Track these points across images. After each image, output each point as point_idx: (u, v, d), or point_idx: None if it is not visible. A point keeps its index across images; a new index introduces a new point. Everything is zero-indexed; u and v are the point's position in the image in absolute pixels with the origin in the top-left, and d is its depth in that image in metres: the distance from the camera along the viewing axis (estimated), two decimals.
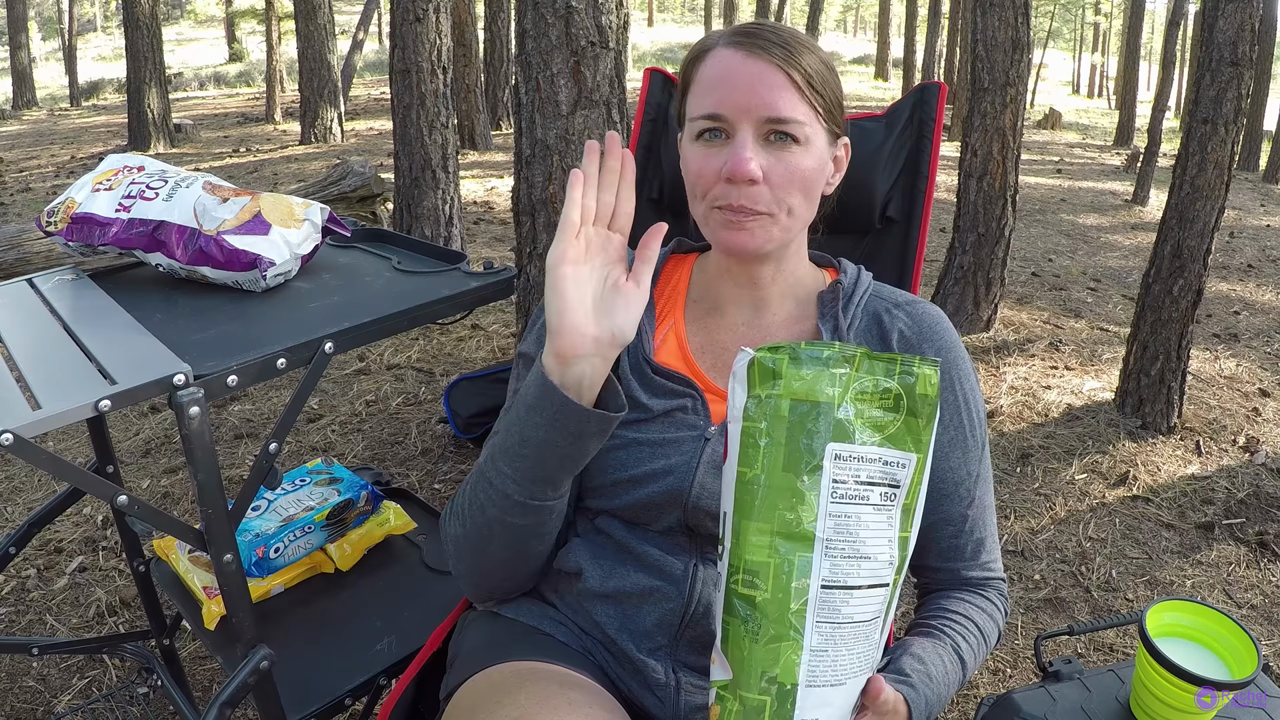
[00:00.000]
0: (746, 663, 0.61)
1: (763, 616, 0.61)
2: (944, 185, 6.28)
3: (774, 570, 0.61)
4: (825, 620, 0.62)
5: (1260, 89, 11.00)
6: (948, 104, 6.46)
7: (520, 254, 2.36)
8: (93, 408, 0.78)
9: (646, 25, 35.92)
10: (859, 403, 0.62)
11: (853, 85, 19.44)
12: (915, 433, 0.64)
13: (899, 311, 0.88)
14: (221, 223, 1.07)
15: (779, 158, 0.79)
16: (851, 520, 0.62)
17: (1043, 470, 2.58)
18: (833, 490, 0.61)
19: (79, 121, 12.63)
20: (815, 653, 0.61)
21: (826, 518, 0.61)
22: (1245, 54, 2.49)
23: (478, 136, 8.51)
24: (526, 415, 0.75)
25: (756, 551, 0.61)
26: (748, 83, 0.78)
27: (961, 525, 0.86)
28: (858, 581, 0.62)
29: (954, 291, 3.68)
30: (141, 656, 1.51)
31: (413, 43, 3.87)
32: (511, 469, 0.78)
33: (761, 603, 0.61)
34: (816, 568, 0.61)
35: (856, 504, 0.62)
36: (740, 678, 0.62)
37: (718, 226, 0.81)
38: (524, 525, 0.81)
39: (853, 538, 0.62)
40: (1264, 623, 1.94)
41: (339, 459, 2.56)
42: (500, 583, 0.90)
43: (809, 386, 0.62)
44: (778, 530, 0.61)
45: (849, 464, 0.62)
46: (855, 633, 0.63)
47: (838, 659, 0.62)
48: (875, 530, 0.63)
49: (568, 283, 0.73)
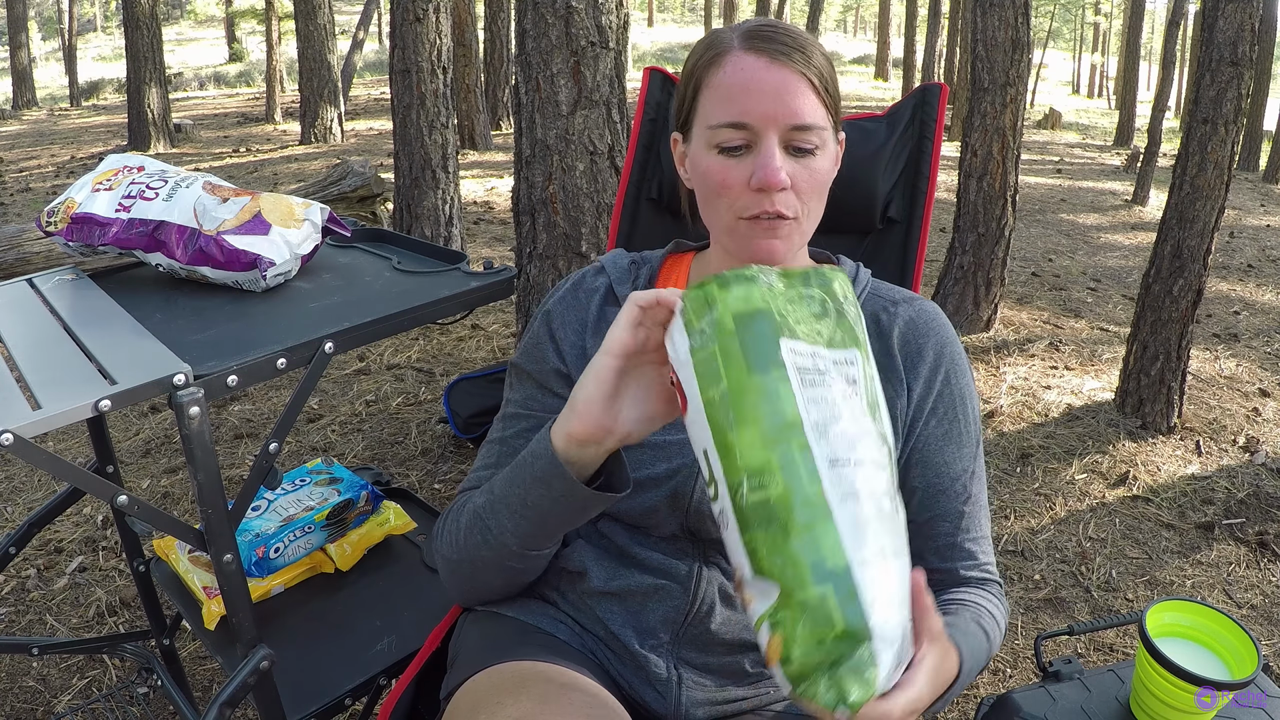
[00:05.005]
0: (791, 562, 0.56)
1: (786, 510, 0.57)
2: (944, 185, 6.28)
3: (778, 462, 0.58)
4: (847, 494, 0.58)
5: (1260, 89, 11.01)
6: (948, 104, 6.49)
7: (520, 254, 2.36)
8: (93, 408, 0.78)
9: (646, 25, 35.92)
10: (792, 311, 0.63)
11: (853, 85, 19.45)
12: (849, 331, 0.64)
13: (896, 309, 0.88)
14: (221, 223, 1.07)
15: (802, 164, 0.79)
16: (828, 404, 0.60)
17: (1043, 470, 2.58)
18: (801, 378, 0.60)
19: (79, 121, 12.63)
20: (852, 529, 0.57)
21: (806, 403, 0.59)
22: (1245, 54, 2.49)
23: (478, 136, 8.51)
24: (533, 485, 0.74)
25: (752, 453, 0.58)
26: (773, 91, 0.77)
27: (958, 522, 0.86)
28: (859, 457, 0.59)
29: (954, 291, 3.68)
30: (141, 656, 1.51)
31: (413, 43, 3.87)
32: (513, 524, 0.78)
33: (778, 499, 0.57)
34: (818, 447, 0.58)
35: (827, 388, 0.60)
36: (791, 583, 0.56)
37: (748, 237, 0.81)
38: (519, 568, 0.84)
39: (837, 418, 0.60)
40: (1264, 623, 1.94)
41: (339, 459, 2.56)
42: (489, 598, 0.92)
43: (744, 300, 0.62)
44: (765, 426, 0.58)
45: (805, 358, 0.61)
46: (877, 510, 0.59)
47: (876, 534, 0.58)
48: (853, 415, 0.61)
49: (609, 374, 0.67)
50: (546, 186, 2.20)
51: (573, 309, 0.92)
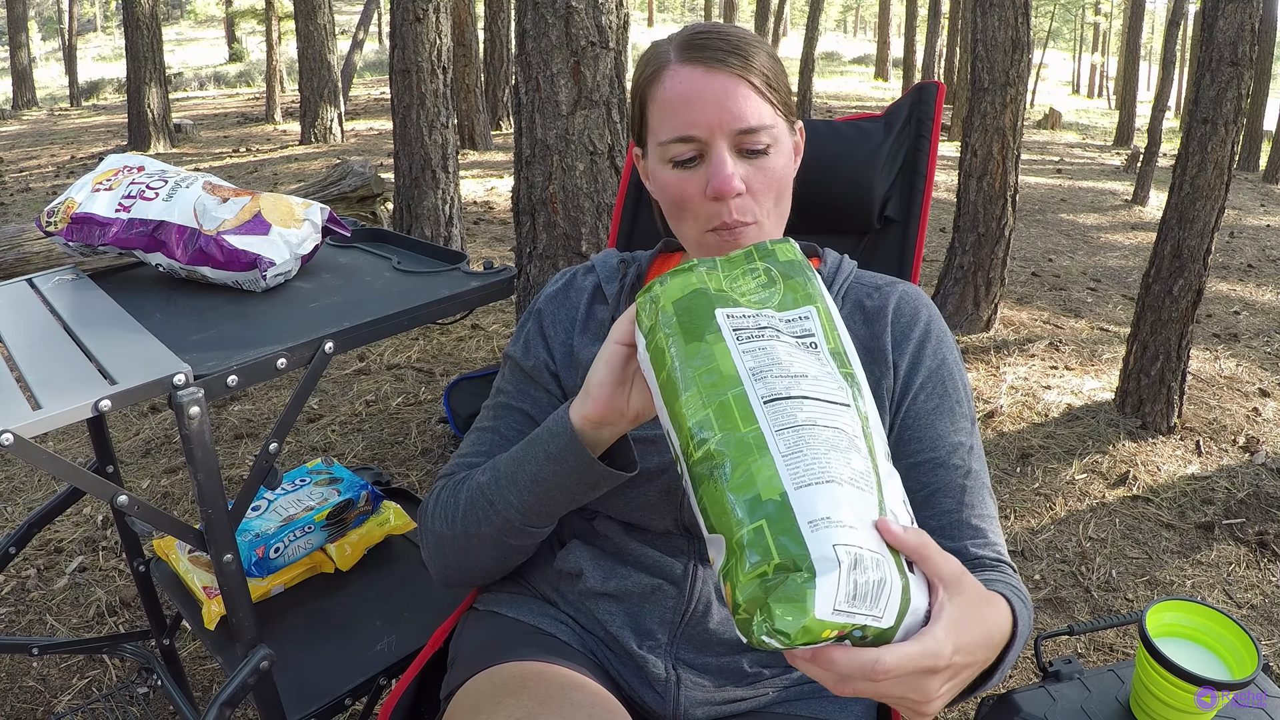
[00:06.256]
0: (730, 505, 0.53)
1: (722, 455, 0.55)
2: (944, 185, 6.28)
3: (715, 413, 0.56)
4: (784, 426, 0.55)
5: (1260, 89, 11.00)
6: (948, 104, 6.42)
7: (520, 254, 2.36)
8: (93, 408, 0.78)
9: (646, 25, 35.93)
10: (734, 287, 0.64)
11: (853, 85, 19.45)
12: (799, 290, 0.65)
13: (879, 293, 0.89)
14: (221, 223, 1.07)
15: (756, 166, 0.80)
16: (769, 353, 0.59)
17: (1043, 470, 2.58)
18: (736, 335, 0.60)
19: (79, 121, 12.63)
20: (789, 456, 0.53)
21: (741, 355, 0.59)
22: (1245, 54, 2.49)
23: (478, 136, 8.51)
24: (545, 462, 0.76)
25: (694, 411, 0.57)
26: (714, 99, 0.77)
27: (961, 497, 0.82)
28: (802, 393, 0.57)
29: (954, 291, 3.68)
30: (141, 656, 1.51)
31: (413, 43, 3.87)
32: (518, 500, 0.79)
33: (717, 446, 0.55)
34: (751, 390, 0.57)
35: (768, 340, 0.60)
36: (731, 527, 0.52)
37: (714, 249, 0.82)
38: (517, 545, 0.85)
39: (775, 362, 0.58)
40: (1264, 623, 1.94)
41: (339, 459, 2.56)
42: (473, 580, 0.93)
43: (682, 287, 0.64)
44: (703, 386, 0.58)
45: (743, 320, 0.61)
46: (829, 437, 0.55)
47: (819, 459, 0.53)
48: (803, 360, 0.59)
49: (619, 360, 0.70)
50: (546, 186, 2.20)
51: (563, 308, 0.94)
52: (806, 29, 8.66)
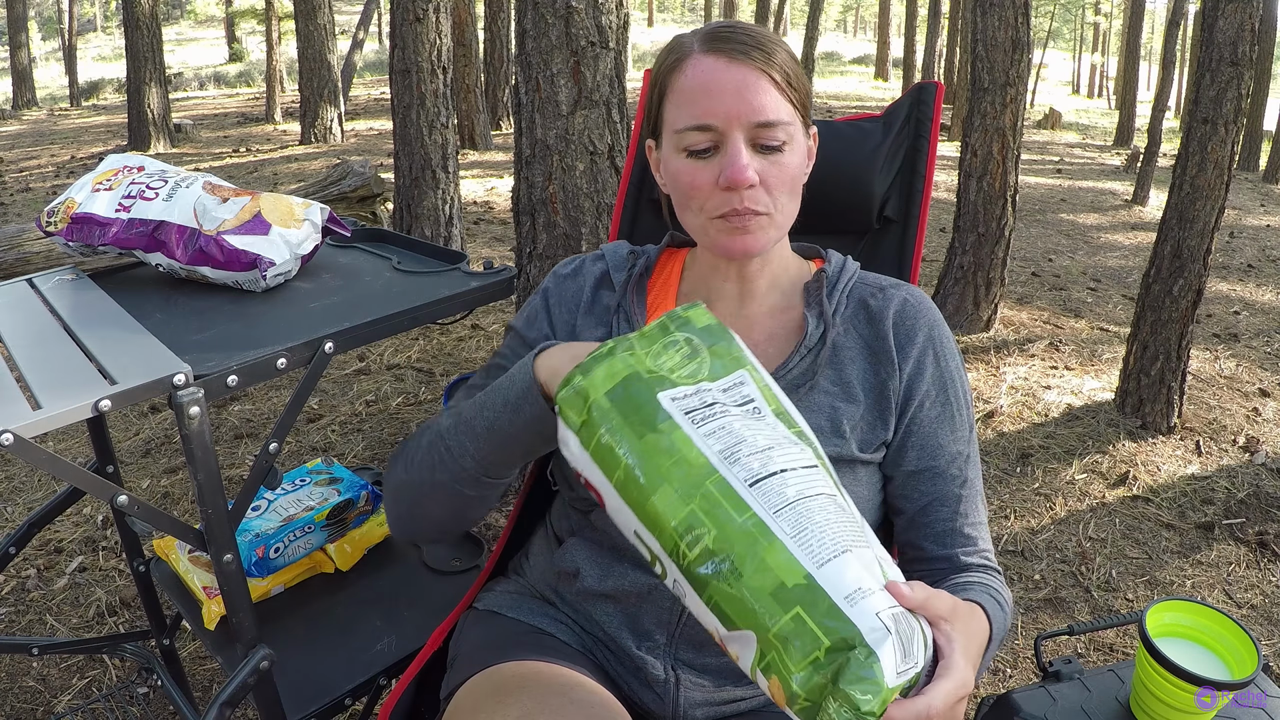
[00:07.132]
0: (753, 599, 0.53)
1: (726, 548, 0.54)
2: (944, 185, 6.28)
3: (700, 510, 0.55)
4: (779, 506, 0.55)
5: (1260, 89, 10.99)
6: (948, 104, 6.42)
7: (520, 254, 2.36)
8: (93, 408, 0.78)
9: (646, 25, 35.92)
10: (662, 364, 0.62)
11: (853, 85, 19.44)
12: (725, 356, 0.63)
13: (884, 294, 0.89)
14: (221, 223, 1.07)
15: (770, 161, 0.80)
16: (727, 431, 0.58)
17: (1043, 470, 2.58)
18: (691, 419, 0.59)
19: (79, 121, 12.63)
20: (797, 536, 0.54)
21: (704, 440, 0.58)
22: (1245, 54, 2.49)
23: (478, 136, 8.50)
24: (503, 410, 0.76)
25: (674, 511, 0.56)
26: (734, 89, 0.77)
27: (956, 507, 0.86)
28: (779, 467, 0.57)
29: (954, 291, 3.68)
30: (141, 656, 1.51)
31: (413, 43, 3.87)
32: (474, 447, 0.79)
33: (716, 542, 0.55)
34: (730, 475, 0.56)
35: (721, 418, 0.59)
36: (762, 623, 0.52)
37: (719, 235, 0.81)
38: (471, 495, 0.83)
39: (740, 440, 0.58)
40: (1264, 623, 1.94)
41: (339, 459, 2.56)
42: (426, 533, 0.92)
43: (609, 376, 0.61)
44: (675, 482, 0.57)
45: (688, 400, 0.60)
46: (822, 505, 0.56)
47: (825, 531, 0.55)
48: (759, 430, 0.59)
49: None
50: (546, 186, 2.20)
51: (570, 288, 0.95)
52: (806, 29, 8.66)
